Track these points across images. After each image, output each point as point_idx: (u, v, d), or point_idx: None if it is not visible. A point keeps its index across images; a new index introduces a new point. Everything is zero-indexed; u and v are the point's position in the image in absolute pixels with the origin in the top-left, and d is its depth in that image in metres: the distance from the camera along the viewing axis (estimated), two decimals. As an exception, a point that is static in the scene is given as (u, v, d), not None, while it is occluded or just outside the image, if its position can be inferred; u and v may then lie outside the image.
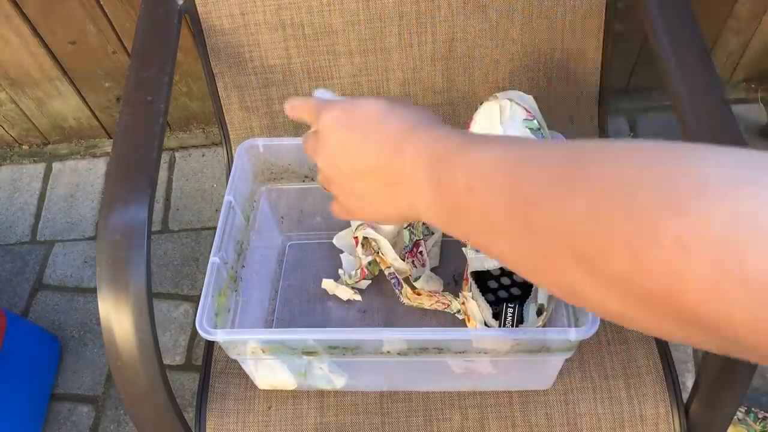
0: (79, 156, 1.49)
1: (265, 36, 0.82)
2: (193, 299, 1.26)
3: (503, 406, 0.70)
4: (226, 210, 0.71)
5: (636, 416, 0.68)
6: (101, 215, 0.61)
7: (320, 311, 0.81)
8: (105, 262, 0.58)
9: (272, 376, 0.70)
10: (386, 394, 0.72)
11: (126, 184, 0.63)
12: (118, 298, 0.57)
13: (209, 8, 0.80)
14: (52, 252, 1.35)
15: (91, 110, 1.41)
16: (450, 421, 0.70)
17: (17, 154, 1.51)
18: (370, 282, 0.81)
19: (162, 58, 0.71)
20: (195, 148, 1.46)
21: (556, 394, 0.70)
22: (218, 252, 0.68)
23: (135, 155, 0.65)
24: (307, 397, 0.72)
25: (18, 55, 1.27)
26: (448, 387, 0.71)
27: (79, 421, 1.15)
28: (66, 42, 1.25)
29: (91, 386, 1.19)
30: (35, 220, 1.40)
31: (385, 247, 0.75)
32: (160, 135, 0.66)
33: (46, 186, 1.45)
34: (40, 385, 1.16)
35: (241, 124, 0.88)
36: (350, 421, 0.71)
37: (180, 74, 1.32)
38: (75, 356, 1.22)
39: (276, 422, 0.71)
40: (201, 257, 1.31)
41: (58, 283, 1.31)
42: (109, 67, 1.31)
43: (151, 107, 0.67)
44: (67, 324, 1.25)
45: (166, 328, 1.22)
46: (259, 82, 0.85)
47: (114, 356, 0.58)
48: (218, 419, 0.72)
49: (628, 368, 0.70)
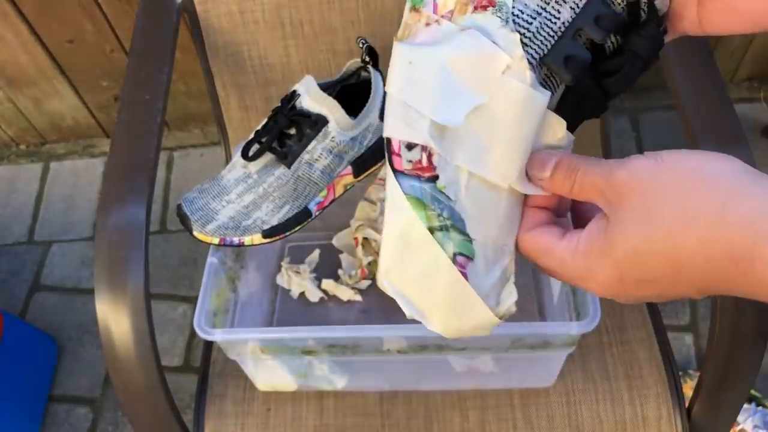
0: (77, 156, 1.48)
1: (264, 34, 0.82)
2: (192, 300, 1.25)
3: (504, 407, 0.69)
4: (225, 210, 0.70)
5: (638, 417, 0.68)
6: (99, 215, 0.61)
7: (320, 311, 0.80)
8: (103, 262, 0.58)
9: (272, 378, 0.69)
10: (386, 396, 0.71)
11: (124, 184, 0.63)
12: (115, 299, 0.57)
13: (208, 6, 0.80)
14: (49, 252, 1.34)
15: (89, 109, 1.41)
16: (450, 422, 0.69)
17: (14, 154, 1.50)
18: (370, 282, 0.80)
19: (160, 57, 0.71)
20: (193, 148, 1.45)
21: (558, 395, 0.69)
22: (216, 252, 0.67)
23: (133, 155, 0.65)
24: (306, 399, 0.72)
25: (15, 54, 1.26)
26: (450, 386, 0.71)
27: (77, 423, 1.15)
28: (64, 41, 1.25)
29: (88, 388, 1.18)
30: (32, 221, 1.39)
31: (385, 248, 0.74)
32: (159, 134, 0.65)
33: (43, 186, 1.45)
34: (37, 387, 1.15)
35: (240, 124, 0.88)
36: (350, 422, 0.70)
37: (178, 73, 1.31)
38: (73, 357, 1.21)
39: (275, 424, 0.71)
40: (199, 258, 1.30)
41: (56, 283, 1.30)
42: (107, 66, 1.30)
43: (150, 106, 0.67)
44: (64, 325, 1.25)
45: (164, 329, 1.22)
46: (258, 81, 0.85)
47: (112, 357, 0.57)
48: (217, 421, 0.71)
49: (630, 369, 0.70)
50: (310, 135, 0.64)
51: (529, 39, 0.35)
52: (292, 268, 0.82)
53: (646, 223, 0.31)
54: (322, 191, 0.67)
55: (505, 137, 0.35)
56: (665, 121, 1.32)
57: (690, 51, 0.66)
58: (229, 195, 0.65)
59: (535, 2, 0.35)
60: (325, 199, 0.67)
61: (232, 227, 0.64)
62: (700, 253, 0.29)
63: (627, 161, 0.33)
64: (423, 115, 0.34)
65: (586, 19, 0.35)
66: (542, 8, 0.35)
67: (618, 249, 0.32)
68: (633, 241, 0.31)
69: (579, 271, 0.34)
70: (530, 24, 0.35)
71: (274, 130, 0.64)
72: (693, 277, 0.30)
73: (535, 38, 0.35)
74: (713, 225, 0.29)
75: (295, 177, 0.64)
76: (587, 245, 0.34)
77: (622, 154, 0.35)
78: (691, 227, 0.29)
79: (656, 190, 0.31)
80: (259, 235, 0.64)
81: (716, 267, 0.29)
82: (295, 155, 0.64)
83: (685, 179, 0.30)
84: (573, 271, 0.35)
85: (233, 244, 0.64)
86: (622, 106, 1.35)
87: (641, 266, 0.31)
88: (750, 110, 1.34)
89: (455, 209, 0.35)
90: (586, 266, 0.34)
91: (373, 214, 0.77)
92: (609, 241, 0.32)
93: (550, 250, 0.35)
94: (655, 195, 0.31)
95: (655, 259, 0.31)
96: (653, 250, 0.31)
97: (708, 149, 0.32)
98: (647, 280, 0.32)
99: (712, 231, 0.29)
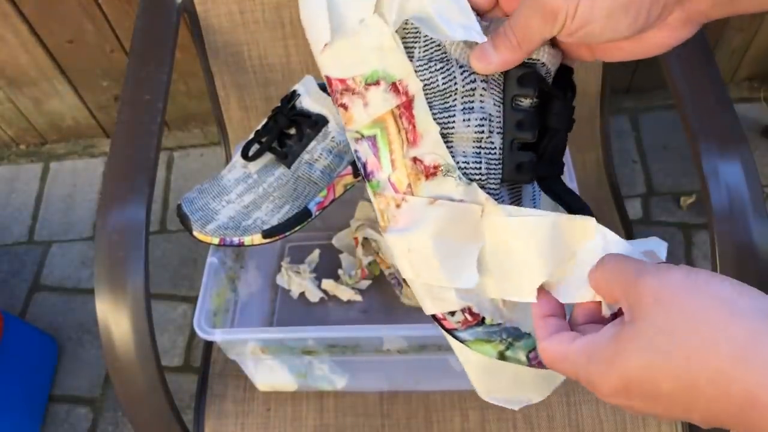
0: (77, 156, 1.48)
1: (264, 34, 0.82)
2: (192, 300, 1.25)
3: (504, 407, 0.69)
4: (225, 210, 0.70)
5: (638, 418, 0.68)
6: (99, 215, 0.61)
7: (320, 311, 0.80)
8: (103, 262, 0.58)
9: (272, 378, 0.69)
10: (386, 396, 0.71)
11: (124, 184, 0.62)
12: (116, 299, 0.57)
13: (208, 6, 0.80)
14: (49, 252, 1.34)
15: (89, 109, 1.41)
16: (450, 422, 0.69)
17: (14, 154, 1.50)
18: (370, 282, 0.80)
19: (160, 57, 0.71)
20: (193, 148, 1.45)
21: (558, 395, 0.69)
22: (216, 252, 0.67)
23: (133, 155, 0.65)
24: (306, 399, 0.71)
25: (15, 54, 1.26)
26: (450, 386, 0.70)
27: (77, 423, 1.15)
28: (64, 41, 1.24)
29: (89, 388, 1.18)
30: (32, 221, 1.39)
31: (385, 248, 0.74)
32: (159, 134, 0.65)
33: (43, 186, 1.44)
34: (37, 387, 1.15)
35: (240, 124, 0.88)
36: (350, 422, 0.70)
37: (178, 73, 1.31)
38: (73, 357, 1.21)
39: (275, 424, 0.71)
40: (199, 258, 1.30)
41: (56, 284, 1.30)
42: (107, 66, 1.30)
43: (150, 106, 0.67)
44: (64, 325, 1.25)
45: (164, 329, 1.22)
46: (258, 81, 0.85)
47: (112, 358, 0.57)
48: (217, 421, 0.71)
49: (630, 369, 0.70)
50: (310, 135, 0.64)
51: (485, 177, 0.40)
52: (292, 268, 0.82)
53: (667, 342, 0.30)
54: (322, 191, 0.67)
55: (514, 262, 0.39)
56: (665, 121, 1.32)
57: (690, 51, 0.66)
58: (229, 195, 0.65)
59: (470, 147, 0.40)
60: (325, 199, 0.67)
61: (232, 227, 0.64)
62: (718, 385, 0.29)
63: (661, 269, 0.32)
64: (445, 287, 0.40)
65: (511, 132, 0.40)
66: (478, 148, 0.40)
67: (631, 360, 0.31)
68: (648, 356, 0.31)
69: (588, 377, 0.34)
70: (478, 166, 0.40)
71: (274, 130, 0.64)
72: (704, 405, 0.30)
73: (489, 173, 0.40)
74: (736, 360, 0.28)
75: (295, 177, 0.64)
76: (601, 348, 0.33)
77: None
78: (713, 356, 0.29)
79: (684, 312, 0.30)
80: (259, 235, 0.64)
81: (731, 403, 0.28)
82: (295, 155, 0.64)
83: (716, 308, 0.30)
84: (585, 379, 0.34)
85: (233, 244, 0.64)
86: (622, 106, 1.34)
87: (653, 383, 0.31)
88: (750, 110, 1.34)
89: (507, 327, 0.42)
90: (597, 372, 0.33)
91: (373, 214, 0.77)
92: (622, 348, 0.32)
93: (566, 357, 0.36)
94: (682, 316, 0.30)
95: (669, 379, 0.30)
96: (669, 369, 0.30)
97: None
98: (655, 397, 0.31)
99: (735, 365, 0.28)
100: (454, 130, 0.39)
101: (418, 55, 0.40)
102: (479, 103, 0.40)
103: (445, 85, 0.40)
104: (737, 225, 0.58)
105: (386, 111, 0.40)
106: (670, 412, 0.32)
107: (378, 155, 0.41)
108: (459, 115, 0.40)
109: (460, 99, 0.40)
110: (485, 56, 0.38)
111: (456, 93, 0.40)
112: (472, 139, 0.39)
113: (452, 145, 0.40)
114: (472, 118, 0.39)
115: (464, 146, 0.40)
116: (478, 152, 0.40)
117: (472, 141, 0.40)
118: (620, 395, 0.32)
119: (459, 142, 0.39)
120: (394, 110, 0.40)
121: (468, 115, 0.40)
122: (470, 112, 0.39)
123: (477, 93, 0.39)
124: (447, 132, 0.40)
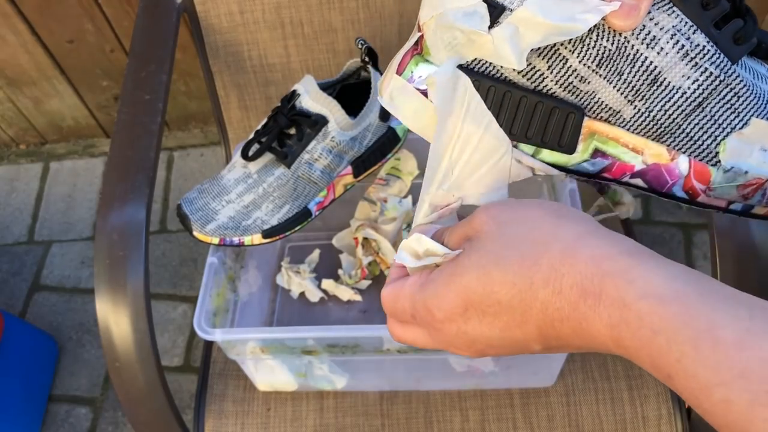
0: (77, 156, 1.48)
1: (264, 34, 0.82)
2: (192, 300, 1.25)
3: (504, 407, 0.69)
4: (225, 210, 0.70)
5: (638, 417, 0.68)
6: (99, 215, 0.61)
7: (320, 311, 0.80)
8: (103, 262, 0.58)
9: (272, 378, 0.69)
10: (386, 396, 0.71)
11: (124, 184, 0.62)
12: (115, 299, 0.57)
13: (208, 6, 0.80)
14: (49, 252, 1.34)
15: (89, 109, 1.41)
16: (450, 422, 0.69)
17: (14, 154, 1.50)
18: (370, 282, 0.80)
19: (160, 57, 0.71)
20: (193, 148, 1.45)
21: (558, 395, 0.69)
22: (216, 252, 0.67)
23: (133, 155, 0.64)
24: (306, 399, 0.72)
25: (15, 54, 1.26)
26: (450, 386, 0.71)
27: (77, 423, 1.15)
28: (64, 41, 1.25)
29: (88, 388, 1.18)
30: (32, 221, 1.39)
31: (385, 248, 0.74)
32: (159, 134, 0.65)
33: (43, 186, 1.45)
34: (37, 387, 1.15)
35: (240, 124, 0.88)
36: (350, 422, 0.70)
37: (178, 73, 1.31)
38: (73, 357, 1.21)
39: (275, 424, 0.71)
40: (199, 258, 1.30)
41: (56, 283, 1.30)
42: (107, 66, 1.30)
43: (150, 106, 0.67)
44: (64, 325, 1.25)
45: (165, 329, 1.22)
46: (258, 81, 0.85)
47: (112, 357, 0.57)
48: (217, 421, 0.71)
49: (630, 369, 0.70)
50: (310, 135, 0.64)
51: (720, 74, 0.35)
52: (292, 268, 0.82)
53: (501, 247, 0.31)
54: (322, 191, 0.67)
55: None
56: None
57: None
58: (229, 195, 0.65)
59: (685, 68, 0.35)
60: (325, 199, 0.67)
61: (232, 227, 0.64)
62: (551, 282, 0.29)
63: (488, 205, 0.34)
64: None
65: (702, 18, 0.36)
66: (689, 60, 0.35)
67: (469, 273, 0.31)
68: (485, 265, 0.31)
69: (424, 303, 0.33)
70: (705, 71, 0.35)
71: (274, 130, 0.64)
72: (540, 311, 0.30)
73: (717, 68, 0.35)
74: (566, 255, 0.29)
75: (295, 177, 0.64)
76: (436, 272, 0.33)
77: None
78: (544, 254, 0.30)
79: (516, 221, 0.32)
80: (259, 235, 0.64)
81: (564, 299, 0.29)
82: (295, 155, 0.64)
83: (543, 217, 0.32)
84: (421, 306, 0.33)
85: (233, 244, 0.64)
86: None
87: (491, 295, 0.31)
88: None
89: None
90: (433, 294, 0.33)
91: (373, 214, 0.77)
92: (459, 266, 0.32)
93: (399, 292, 0.35)
94: (514, 225, 0.32)
95: (506, 286, 0.30)
96: (505, 275, 0.30)
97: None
98: (493, 313, 0.31)
99: (565, 260, 0.29)
100: (658, 68, 0.34)
101: (578, 66, 0.35)
102: (658, 31, 0.34)
103: (621, 57, 0.34)
104: (737, 225, 0.58)
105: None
106: (508, 333, 0.31)
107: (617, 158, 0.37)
108: (648, 52, 0.34)
109: (638, 44, 0.34)
110: (630, 9, 0.33)
111: (629, 44, 0.34)
112: (678, 59, 0.34)
113: (669, 82, 0.34)
114: (664, 47, 0.34)
115: (680, 72, 0.34)
116: (695, 64, 0.34)
117: (680, 60, 0.34)
118: (457, 317, 0.32)
119: (671, 72, 0.34)
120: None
121: (656, 47, 0.34)
122: (655, 42, 0.34)
123: (645, 31, 0.34)
124: (655, 76, 0.34)
